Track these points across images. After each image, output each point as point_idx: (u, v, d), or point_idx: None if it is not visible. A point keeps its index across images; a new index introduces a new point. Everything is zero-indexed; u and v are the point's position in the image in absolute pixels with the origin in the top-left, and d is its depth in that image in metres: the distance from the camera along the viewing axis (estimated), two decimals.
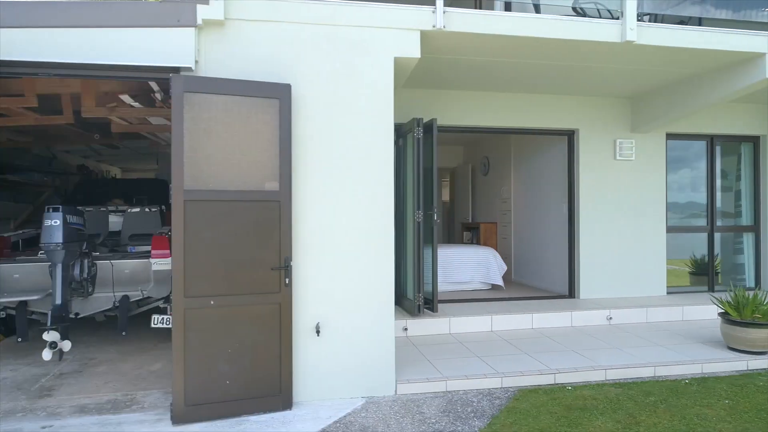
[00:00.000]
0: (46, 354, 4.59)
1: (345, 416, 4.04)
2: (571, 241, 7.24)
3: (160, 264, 5.50)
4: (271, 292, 4.12)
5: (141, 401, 4.33)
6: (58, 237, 4.68)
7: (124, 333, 5.39)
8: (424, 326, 5.94)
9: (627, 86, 6.62)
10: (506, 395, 4.46)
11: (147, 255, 5.75)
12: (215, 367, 3.99)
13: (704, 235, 7.73)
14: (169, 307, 5.84)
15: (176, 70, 4.03)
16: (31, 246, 6.41)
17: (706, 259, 7.83)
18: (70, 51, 3.87)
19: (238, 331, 4.05)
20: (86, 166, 10.54)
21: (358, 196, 4.42)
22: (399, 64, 4.59)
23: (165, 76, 4.03)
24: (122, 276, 5.44)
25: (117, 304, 5.45)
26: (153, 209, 6.97)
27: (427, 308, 6.11)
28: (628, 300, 6.99)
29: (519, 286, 8.33)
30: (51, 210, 4.76)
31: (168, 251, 5.56)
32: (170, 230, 4.20)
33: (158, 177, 11.06)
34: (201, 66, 4.12)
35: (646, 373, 4.88)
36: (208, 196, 3.96)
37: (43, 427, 3.84)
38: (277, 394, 4.14)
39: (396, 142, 6.39)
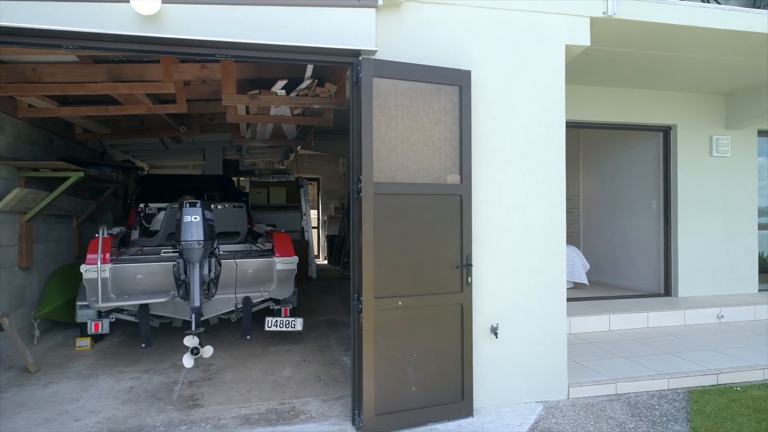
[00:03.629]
0: (188, 361, 4.25)
1: (536, 422, 3.82)
2: (667, 239, 7.14)
3: (283, 263, 5.17)
4: (453, 292, 3.88)
5: (304, 410, 4.02)
6: (199, 234, 4.34)
7: (248, 337, 5.04)
8: None
9: (725, 81, 6.53)
10: (679, 397, 4.30)
11: (234, 254, 5.38)
12: (403, 373, 3.72)
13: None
14: (281, 308, 5.54)
15: (356, 53, 3.74)
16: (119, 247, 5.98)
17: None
18: (245, 30, 3.54)
19: (422, 333, 3.79)
20: (130, 160, 10.04)
21: (529, 189, 4.20)
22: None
23: (346, 60, 3.74)
24: (245, 276, 5.08)
25: (238, 305, 5.11)
26: (239, 206, 6.60)
27: None
28: (730, 298, 6.93)
29: (599, 285, 8.19)
30: (188, 205, 4.42)
31: (292, 250, 5.25)
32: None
33: (204, 173, 10.63)
34: (378, 50, 3.83)
35: None
36: (395, 190, 3.69)
37: None
38: (459, 401, 3.89)
39: None
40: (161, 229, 6.09)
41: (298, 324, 5.29)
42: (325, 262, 14.27)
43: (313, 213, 12.27)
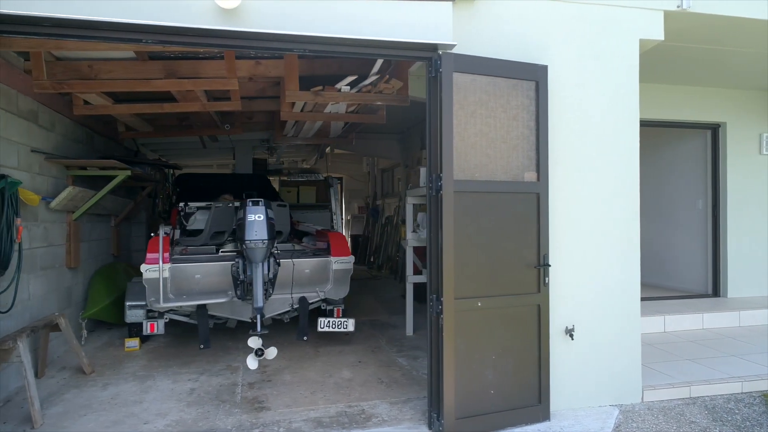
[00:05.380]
0: (252, 362, 4.18)
1: (617, 427, 3.71)
2: (715, 238, 7.01)
3: (340, 263, 5.08)
4: (530, 292, 3.78)
5: (374, 413, 3.93)
6: (263, 233, 4.26)
7: (305, 338, 4.96)
8: None
9: None
10: (755, 401, 4.19)
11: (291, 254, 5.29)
12: (482, 375, 3.62)
13: None
14: (334, 309, 5.45)
15: (433, 48, 3.64)
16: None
17: None
18: (322, 24, 3.43)
19: (499, 335, 3.69)
20: (161, 158, 9.97)
21: (603, 189, 4.09)
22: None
23: (423, 54, 3.64)
24: (302, 276, 5.00)
25: (294, 306, 5.03)
26: (283, 205, 6.50)
27: None
28: None
29: (642, 286, 8.02)
30: (251, 204, 4.34)
31: (348, 249, 5.16)
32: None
33: (235, 172, 10.55)
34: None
35: None
36: (473, 188, 3.60)
37: None
38: (536, 404, 3.79)
39: None
40: (206, 227, 5.99)
41: (350, 324, 5.22)
42: None
43: None
